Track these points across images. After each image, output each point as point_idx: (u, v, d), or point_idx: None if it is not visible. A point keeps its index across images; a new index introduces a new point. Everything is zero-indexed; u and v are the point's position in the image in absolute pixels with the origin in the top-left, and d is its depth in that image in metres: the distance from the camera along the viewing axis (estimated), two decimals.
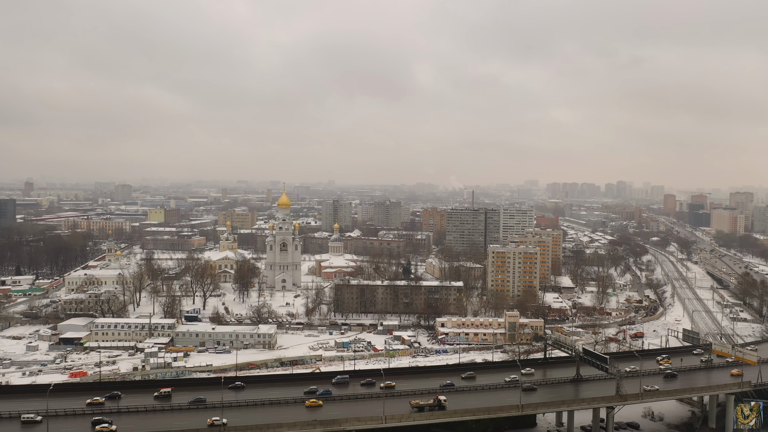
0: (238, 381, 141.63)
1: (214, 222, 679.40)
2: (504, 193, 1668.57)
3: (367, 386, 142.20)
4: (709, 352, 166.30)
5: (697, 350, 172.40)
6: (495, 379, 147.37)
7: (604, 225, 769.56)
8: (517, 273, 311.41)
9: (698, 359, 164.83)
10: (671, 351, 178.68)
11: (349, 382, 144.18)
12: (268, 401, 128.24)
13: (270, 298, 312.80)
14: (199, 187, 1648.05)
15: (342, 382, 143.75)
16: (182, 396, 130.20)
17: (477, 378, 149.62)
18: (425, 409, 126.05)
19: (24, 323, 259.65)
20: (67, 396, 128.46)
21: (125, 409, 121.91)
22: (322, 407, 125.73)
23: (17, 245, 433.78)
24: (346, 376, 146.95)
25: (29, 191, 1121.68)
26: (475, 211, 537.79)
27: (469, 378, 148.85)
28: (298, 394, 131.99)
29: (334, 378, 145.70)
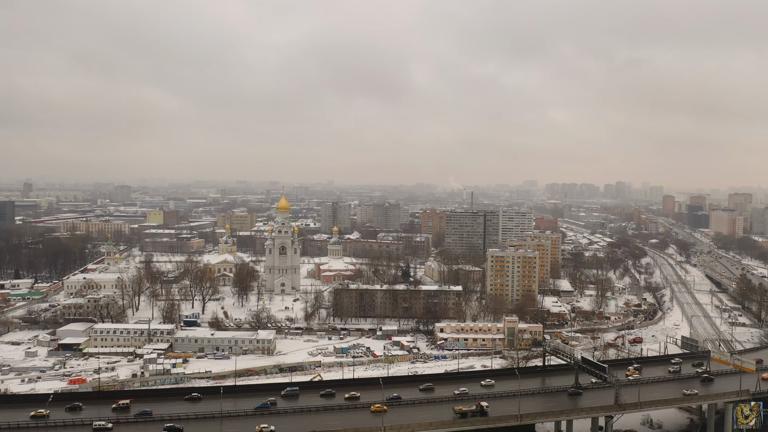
0: (195, 393, 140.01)
1: (213, 224, 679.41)
2: (503, 193, 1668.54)
3: (326, 397, 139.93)
4: (708, 360, 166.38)
5: (695, 362, 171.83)
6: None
7: (603, 226, 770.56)
8: (516, 277, 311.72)
9: (697, 367, 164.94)
10: (670, 358, 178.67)
11: (299, 394, 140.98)
12: (219, 414, 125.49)
13: (269, 302, 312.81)
14: (198, 187, 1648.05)
15: (291, 394, 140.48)
16: (139, 408, 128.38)
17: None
18: (468, 415, 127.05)
19: (23, 328, 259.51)
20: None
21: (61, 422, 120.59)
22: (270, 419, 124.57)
23: (16, 248, 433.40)
24: (296, 388, 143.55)
25: (28, 192, 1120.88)
26: (474, 213, 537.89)
27: (427, 390, 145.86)
28: (250, 407, 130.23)
29: (283, 390, 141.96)
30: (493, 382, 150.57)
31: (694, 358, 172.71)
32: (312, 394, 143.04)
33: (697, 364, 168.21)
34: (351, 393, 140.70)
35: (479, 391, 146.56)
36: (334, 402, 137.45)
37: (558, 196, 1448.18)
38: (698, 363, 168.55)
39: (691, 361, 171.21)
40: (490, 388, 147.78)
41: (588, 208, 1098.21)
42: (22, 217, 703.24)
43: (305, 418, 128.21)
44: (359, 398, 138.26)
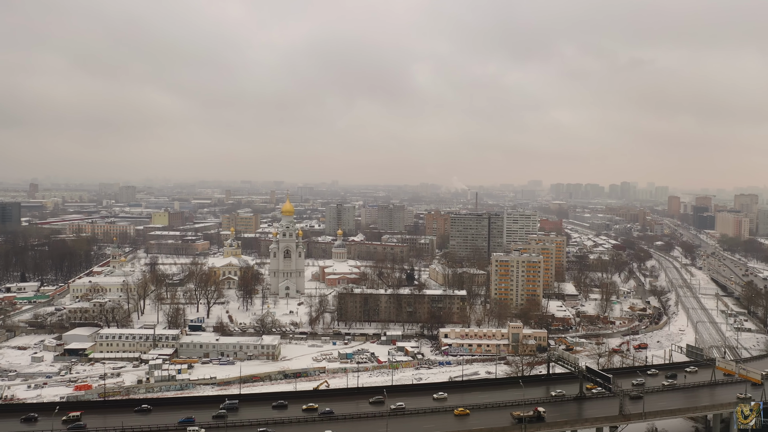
0: (145, 405, 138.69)
1: (218, 225, 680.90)
2: (508, 193, 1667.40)
3: (278, 409, 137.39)
4: (713, 369, 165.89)
5: (691, 368, 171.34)
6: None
7: (608, 228, 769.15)
8: (521, 282, 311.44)
9: (703, 375, 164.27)
10: (675, 366, 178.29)
11: (238, 406, 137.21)
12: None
13: (273, 305, 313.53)
14: (202, 187, 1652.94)
15: (231, 407, 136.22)
16: (93, 420, 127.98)
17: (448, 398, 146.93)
18: (524, 420, 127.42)
19: (29, 332, 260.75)
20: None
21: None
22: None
23: (22, 250, 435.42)
24: (235, 401, 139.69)
25: (34, 192, 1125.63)
26: (478, 215, 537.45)
27: (378, 403, 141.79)
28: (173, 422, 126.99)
29: (222, 404, 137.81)
30: (446, 395, 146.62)
31: (699, 366, 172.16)
32: (262, 406, 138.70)
33: (692, 372, 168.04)
34: (309, 404, 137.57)
35: (462, 401, 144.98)
36: (284, 415, 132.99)
37: (563, 197, 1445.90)
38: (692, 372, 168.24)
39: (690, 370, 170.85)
40: (443, 401, 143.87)
41: (593, 208, 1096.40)
42: (29, 218, 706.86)
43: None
44: (317, 410, 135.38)
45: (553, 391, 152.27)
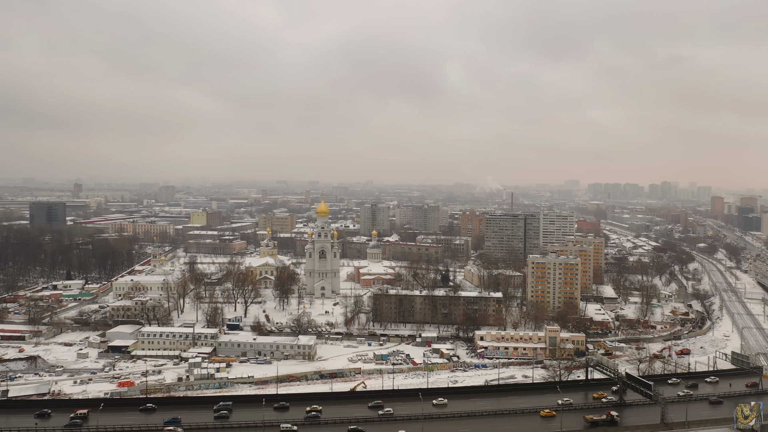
0: (149, 404, 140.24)
1: (255, 225, 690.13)
2: (544, 193, 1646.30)
3: (280, 410, 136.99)
4: (760, 377, 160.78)
5: (711, 378, 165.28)
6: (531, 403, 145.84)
7: (648, 229, 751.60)
8: (558, 284, 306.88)
9: (746, 385, 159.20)
10: (719, 374, 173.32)
11: (231, 408, 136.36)
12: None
13: (309, 305, 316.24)
14: (239, 187, 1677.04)
15: (225, 408, 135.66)
16: (101, 418, 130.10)
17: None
18: (598, 424, 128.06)
19: (75, 329, 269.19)
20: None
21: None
22: None
23: (67, 249, 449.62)
24: (228, 403, 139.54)
25: (78, 192, 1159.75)
26: (514, 216, 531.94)
27: (376, 407, 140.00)
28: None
29: (215, 405, 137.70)
30: (446, 401, 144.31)
31: (745, 375, 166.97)
32: (258, 408, 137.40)
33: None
34: (312, 406, 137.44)
35: (498, 406, 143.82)
36: (287, 416, 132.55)
37: (601, 197, 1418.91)
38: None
39: (739, 378, 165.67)
40: (443, 407, 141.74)
41: (632, 209, 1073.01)
42: (73, 217, 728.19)
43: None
44: (321, 412, 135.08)
45: (591, 396, 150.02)
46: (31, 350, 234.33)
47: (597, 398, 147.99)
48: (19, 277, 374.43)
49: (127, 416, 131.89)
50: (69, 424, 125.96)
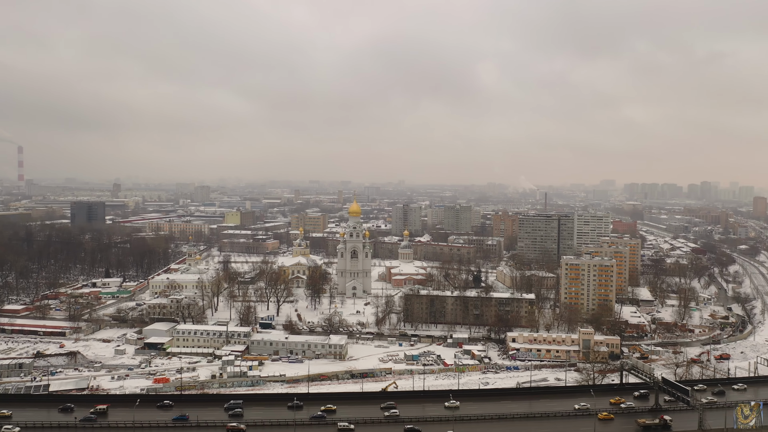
0: (167, 401, 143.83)
1: (287, 224, 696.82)
2: (578, 193, 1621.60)
3: (293, 409, 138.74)
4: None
5: (739, 385, 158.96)
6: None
7: (686, 230, 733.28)
8: (592, 286, 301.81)
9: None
10: (760, 380, 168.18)
11: (243, 406, 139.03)
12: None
13: (341, 305, 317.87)
14: (272, 187, 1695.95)
15: (235, 407, 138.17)
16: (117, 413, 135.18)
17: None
18: (651, 428, 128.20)
19: (113, 326, 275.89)
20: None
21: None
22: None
23: (106, 247, 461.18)
24: (239, 401, 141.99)
25: (117, 192, 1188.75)
26: (548, 216, 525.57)
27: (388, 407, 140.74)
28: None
29: (226, 403, 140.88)
30: (458, 404, 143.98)
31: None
32: (272, 406, 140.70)
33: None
34: (327, 405, 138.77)
35: (530, 408, 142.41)
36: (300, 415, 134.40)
37: (637, 197, 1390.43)
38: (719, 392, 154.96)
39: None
40: (455, 410, 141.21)
41: (670, 209, 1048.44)
42: (112, 216, 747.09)
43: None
44: (335, 411, 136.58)
45: (626, 401, 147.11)
46: (71, 346, 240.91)
47: (614, 404, 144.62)
48: (61, 274, 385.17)
49: (145, 413, 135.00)
50: (84, 418, 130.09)
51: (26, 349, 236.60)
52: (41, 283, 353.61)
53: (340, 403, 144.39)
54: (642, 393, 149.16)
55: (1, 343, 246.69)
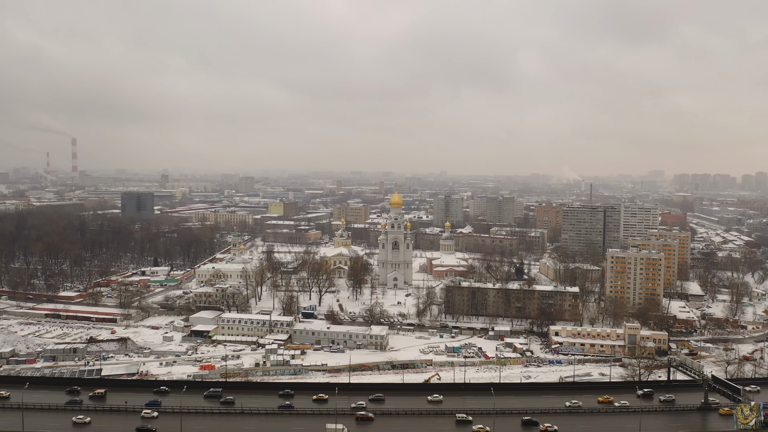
0: (164, 386, 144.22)
1: (329, 215, 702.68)
2: (625, 184, 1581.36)
3: (284, 397, 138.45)
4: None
5: (752, 387, 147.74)
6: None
7: (739, 223, 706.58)
8: (639, 280, 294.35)
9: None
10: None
11: (221, 394, 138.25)
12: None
13: (382, 296, 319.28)
14: (315, 178, 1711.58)
15: (214, 395, 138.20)
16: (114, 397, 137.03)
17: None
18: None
19: (161, 314, 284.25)
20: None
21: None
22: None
23: (155, 237, 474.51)
24: (219, 389, 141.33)
25: (165, 183, 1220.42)
26: (593, 208, 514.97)
27: (377, 399, 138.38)
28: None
29: (206, 391, 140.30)
30: (441, 398, 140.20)
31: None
32: (257, 395, 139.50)
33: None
34: (319, 395, 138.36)
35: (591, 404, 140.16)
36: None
37: (688, 188, 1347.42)
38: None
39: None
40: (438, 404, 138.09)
41: (722, 201, 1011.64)
42: (160, 206, 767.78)
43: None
44: (327, 401, 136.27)
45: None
46: (121, 332, 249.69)
47: (603, 402, 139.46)
48: (112, 263, 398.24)
49: (143, 397, 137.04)
50: (70, 401, 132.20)
51: (80, 335, 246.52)
52: (94, 271, 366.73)
53: (388, 393, 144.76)
54: (666, 399, 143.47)
55: (57, 328, 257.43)
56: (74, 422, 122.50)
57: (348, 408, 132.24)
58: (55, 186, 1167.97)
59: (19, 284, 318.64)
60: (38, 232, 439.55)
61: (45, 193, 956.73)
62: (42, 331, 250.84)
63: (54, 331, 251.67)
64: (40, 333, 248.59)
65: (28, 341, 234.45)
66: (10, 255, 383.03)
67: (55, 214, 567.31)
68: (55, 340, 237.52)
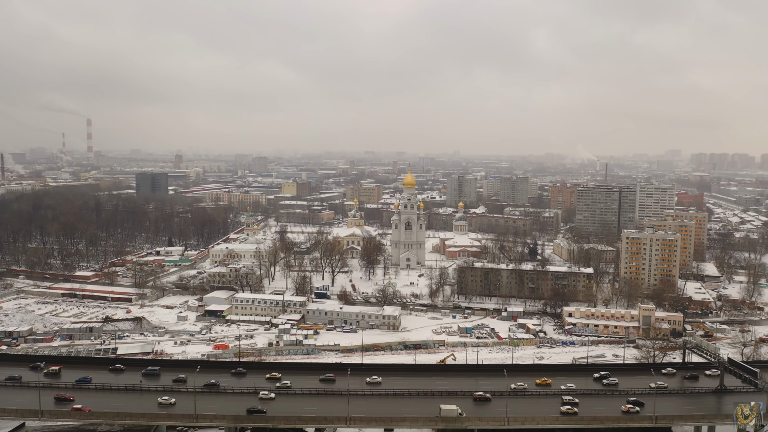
0: (119, 365, 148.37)
1: (342, 195, 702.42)
2: (641, 164, 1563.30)
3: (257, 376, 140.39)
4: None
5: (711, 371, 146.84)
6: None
7: (757, 203, 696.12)
8: (654, 261, 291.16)
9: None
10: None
11: (159, 373, 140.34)
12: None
13: (394, 276, 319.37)
14: (328, 158, 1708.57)
15: (151, 373, 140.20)
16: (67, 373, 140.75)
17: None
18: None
19: (175, 293, 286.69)
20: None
21: None
22: None
23: (169, 217, 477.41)
24: (156, 368, 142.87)
25: (179, 163, 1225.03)
26: (608, 188, 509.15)
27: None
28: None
29: (144, 369, 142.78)
30: (380, 379, 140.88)
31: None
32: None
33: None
34: (326, 375, 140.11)
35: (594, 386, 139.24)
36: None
37: (705, 168, 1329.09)
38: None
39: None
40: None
41: (740, 181, 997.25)
42: (174, 186, 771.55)
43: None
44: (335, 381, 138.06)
45: (688, 381, 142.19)
46: (136, 311, 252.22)
47: (540, 384, 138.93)
48: (127, 242, 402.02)
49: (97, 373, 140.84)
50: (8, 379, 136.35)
51: (96, 314, 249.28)
52: (109, 250, 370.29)
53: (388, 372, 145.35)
54: (691, 375, 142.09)
55: (74, 307, 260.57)
56: (160, 403, 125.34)
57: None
58: (71, 166, 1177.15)
59: (36, 264, 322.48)
60: (54, 212, 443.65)
61: (61, 174, 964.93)
62: (59, 310, 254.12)
63: (70, 310, 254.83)
64: (57, 312, 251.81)
65: (45, 320, 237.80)
66: (27, 235, 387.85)
67: (71, 195, 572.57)
68: (72, 319, 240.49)
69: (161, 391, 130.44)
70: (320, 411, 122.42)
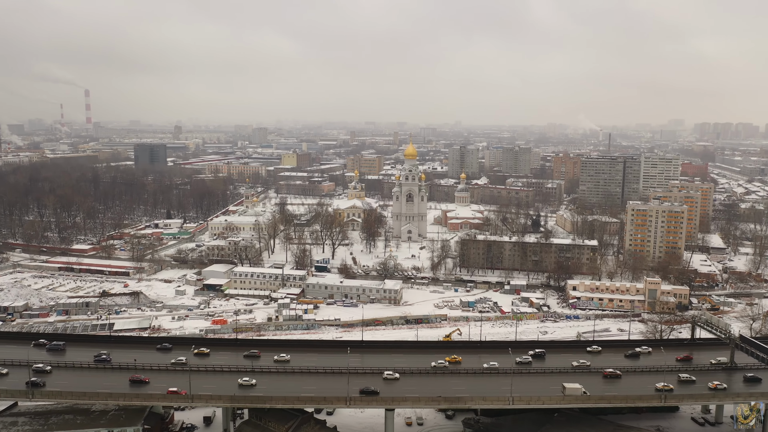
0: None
1: (343, 166, 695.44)
2: (644, 134, 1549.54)
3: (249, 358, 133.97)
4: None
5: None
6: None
7: (762, 173, 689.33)
8: (660, 233, 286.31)
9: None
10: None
11: (65, 348, 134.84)
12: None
13: (396, 249, 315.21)
14: (329, 128, 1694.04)
15: (55, 348, 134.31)
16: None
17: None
18: None
19: (173, 267, 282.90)
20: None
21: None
22: None
23: (168, 189, 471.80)
24: (61, 343, 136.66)
25: (178, 134, 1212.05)
26: (612, 159, 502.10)
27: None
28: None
29: (47, 345, 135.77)
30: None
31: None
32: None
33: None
34: (280, 355, 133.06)
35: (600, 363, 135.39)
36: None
37: (709, 137, 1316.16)
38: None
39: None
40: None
41: (745, 151, 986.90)
42: (173, 158, 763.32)
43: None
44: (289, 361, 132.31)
45: (697, 358, 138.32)
46: (134, 286, 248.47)
47: (451, 362, 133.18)
48: (125, 215, 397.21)
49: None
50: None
51: (93, 288, 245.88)
52: (107, 223, 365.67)
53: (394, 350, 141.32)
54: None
55: (71, 281, 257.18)
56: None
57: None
58: (69, 138, 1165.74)
59: (33, 237, 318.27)
60: (51, 184, 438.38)
61: (59, 145, 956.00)
62: (55, 285, 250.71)
63: (67, 285, 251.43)
64: (54, 286, 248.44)
65: (41, 295, 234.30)
66: (23, 208, 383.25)
67: (69, 167, 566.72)
68: (69, 294, 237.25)
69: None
70: (319, 391, 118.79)
